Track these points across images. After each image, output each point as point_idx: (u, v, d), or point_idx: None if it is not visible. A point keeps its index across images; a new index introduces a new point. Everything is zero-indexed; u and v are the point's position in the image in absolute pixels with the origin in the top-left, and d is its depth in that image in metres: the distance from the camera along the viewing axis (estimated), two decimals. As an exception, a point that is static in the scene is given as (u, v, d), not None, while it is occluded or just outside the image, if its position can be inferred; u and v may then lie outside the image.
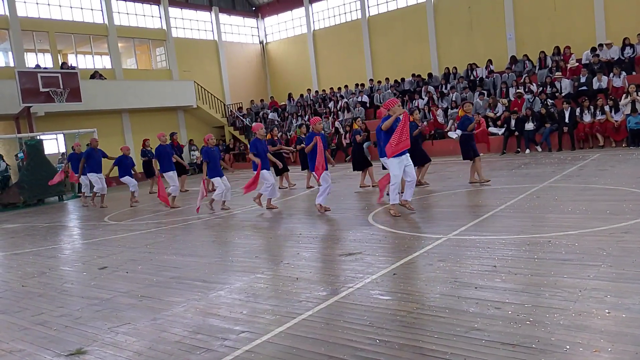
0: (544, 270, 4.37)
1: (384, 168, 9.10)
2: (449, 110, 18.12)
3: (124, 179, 13.03)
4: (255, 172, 9.50)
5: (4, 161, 16.19)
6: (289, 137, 21.27)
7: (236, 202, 10.93)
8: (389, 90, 21.53)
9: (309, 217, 8.56)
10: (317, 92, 25.35)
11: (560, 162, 12.15)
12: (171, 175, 11.67)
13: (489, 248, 5.28)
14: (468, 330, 3.35)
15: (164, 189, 11.44)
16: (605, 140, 14.19)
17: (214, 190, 10.43)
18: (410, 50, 23.46)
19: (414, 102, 19.72)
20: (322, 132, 9.23)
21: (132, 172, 13.16)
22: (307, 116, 22.75)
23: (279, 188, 12.95)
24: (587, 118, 14.55)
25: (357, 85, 23.38)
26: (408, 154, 7.60)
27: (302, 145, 11.03)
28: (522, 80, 17.79)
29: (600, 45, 17.33)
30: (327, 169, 8.93)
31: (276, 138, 13.72)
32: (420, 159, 10.30)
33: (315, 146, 8.82)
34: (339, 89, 24.06)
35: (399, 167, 7.45)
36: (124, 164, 12.90)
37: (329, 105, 23.09)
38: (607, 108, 14.38)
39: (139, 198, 13.25)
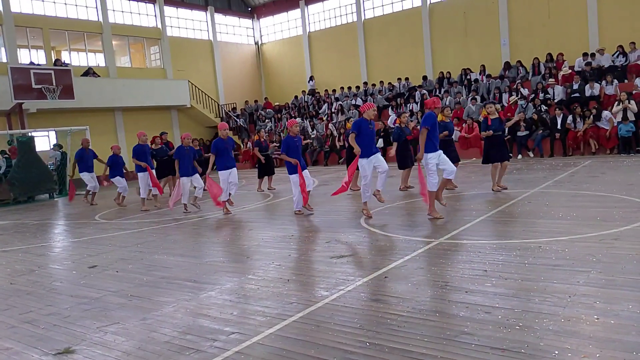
0: (534, 276, 4.40)
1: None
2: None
3: (115, 180, 12.81)
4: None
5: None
6: (281, 138, 21.25)
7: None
8: (385, 94, 21.59)
9: (300, 219, 8.55)
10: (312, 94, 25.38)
11: (551, 168, 12.23)
12: (142, 177, 11.64)
13: (480, 252, 5.30)
14: (458, 334, 3.36)
15: (155, 179, 11.43)
16: (598, 147, 14.29)
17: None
18: (405, 54, 23.53)
19: (407, 105, 19.79)
20: (299, 135, 9.26)
21: (124, 171, 13.01)
22: (300, 118, 22.77)
23: (261, 190, 12.92)
24: (579, 125, 14.66)
25: (349, 88, 23.41)
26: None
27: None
28: (515, 87, 17.92)
29: (593, 54, 17.48)
30: (305, 167, 8.96)
31: (263, 140, 13.55)
32: (404, 162, 10.66)
33: (291, 149, 8.84)
34: (334, 91, 24.10)
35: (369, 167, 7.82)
36: (115, 163, 12.80)
37: (323, 107, 23.13)
38: (591, 117, 14.47)
39: (126, 202, 12.83)
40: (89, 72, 21.05)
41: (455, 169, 7.63)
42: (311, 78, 25.88)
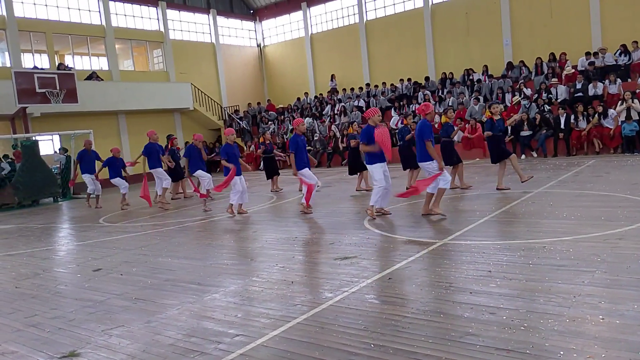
0: (539, 276, 4.39)
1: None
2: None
3: (114, 181, 12.87)
4: (226, 176, 9.51)
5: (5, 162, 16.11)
6: (284, 140, 21.31)
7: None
8: (388, 95, 21.59)
9: (304, 220, 8.56)
10: (315, 96, 25.36)
11: (555, 167, 12.20)
12: (161, 172, 12.02)
13: (484, 253, 5.29)
14: (462, 335, 3.35)
15: (147, 188, 11.56)
16: (602, 146, 14.25)
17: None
18: (407, 55, 23.53)
19: (410, 106, 19.77)
20: (305, 134, 9.50)
21: (123, 174, 13.05)
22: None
23: (270, 191, 12.99)
24: (582, 124, 14.63)
25: (352, 89, 23.42)
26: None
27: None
28: (517, 87, 17.89)
29: (596, 53, 17.44)
30: (309, 167, 9.17)
31: (268, 142, 13.74)
32: (407, 163, 10.72)
33: (298, 147, 9.07)
34: (336, 92, 24.08)
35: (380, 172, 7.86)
36: (114, 166, 12.83)
37: (326, 109, 23.14)
38: (596, 116, 14.43)
39: (129, 200, 13.01)
40: (92, 75, 21.12)
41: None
42: (332, 77, 25.60)
